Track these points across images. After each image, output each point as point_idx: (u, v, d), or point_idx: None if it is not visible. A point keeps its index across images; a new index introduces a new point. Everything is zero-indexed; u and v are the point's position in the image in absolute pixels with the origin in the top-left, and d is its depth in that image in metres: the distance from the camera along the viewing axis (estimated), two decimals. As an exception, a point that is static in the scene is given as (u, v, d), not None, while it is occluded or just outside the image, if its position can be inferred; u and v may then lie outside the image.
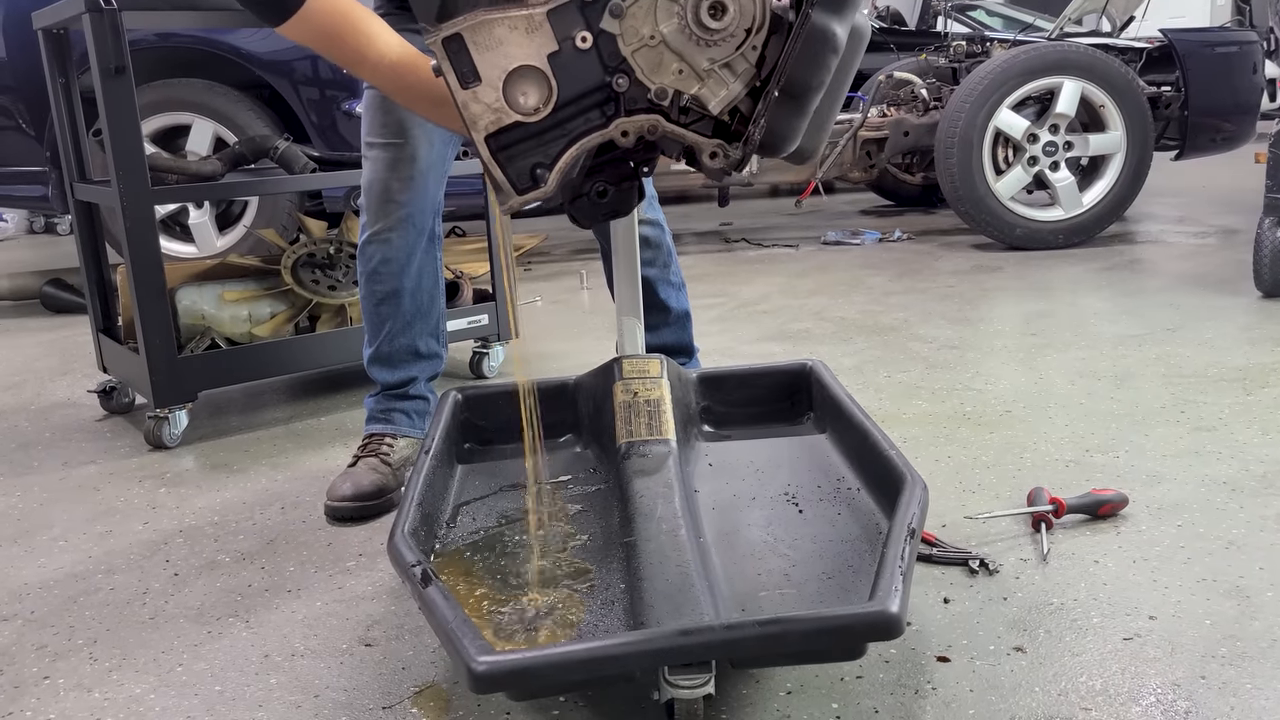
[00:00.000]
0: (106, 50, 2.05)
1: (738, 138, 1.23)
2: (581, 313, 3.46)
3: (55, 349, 3.30)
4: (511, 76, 1.20)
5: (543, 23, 1.18)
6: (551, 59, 1.19)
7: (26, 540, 1.80)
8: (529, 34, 1.19)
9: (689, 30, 1.19)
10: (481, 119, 1.21)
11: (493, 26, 1.18)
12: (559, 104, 1.21)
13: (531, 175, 1.25)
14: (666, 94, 1.21)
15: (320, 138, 3.85)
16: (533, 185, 1.25)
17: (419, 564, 1.16)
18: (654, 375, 1.57)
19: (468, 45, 1.19)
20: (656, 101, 1.22)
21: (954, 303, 3.22)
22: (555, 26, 1.19)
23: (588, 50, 1.20)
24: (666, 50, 1.20)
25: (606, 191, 1.30)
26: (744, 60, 1.21)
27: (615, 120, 1.23)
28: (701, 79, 1.21)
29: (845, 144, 4.40)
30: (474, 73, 1.20)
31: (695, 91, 1.21)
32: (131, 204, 2.12)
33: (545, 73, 1.20)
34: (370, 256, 1.90)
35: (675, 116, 1.23)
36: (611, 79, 1.21)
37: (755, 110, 1.21)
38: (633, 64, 1.21)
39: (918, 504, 1.23)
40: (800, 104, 1.23)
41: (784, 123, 1.24)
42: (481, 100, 1.20)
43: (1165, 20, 7.82)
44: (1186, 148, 4.28)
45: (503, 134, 1.23)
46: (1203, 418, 2.04)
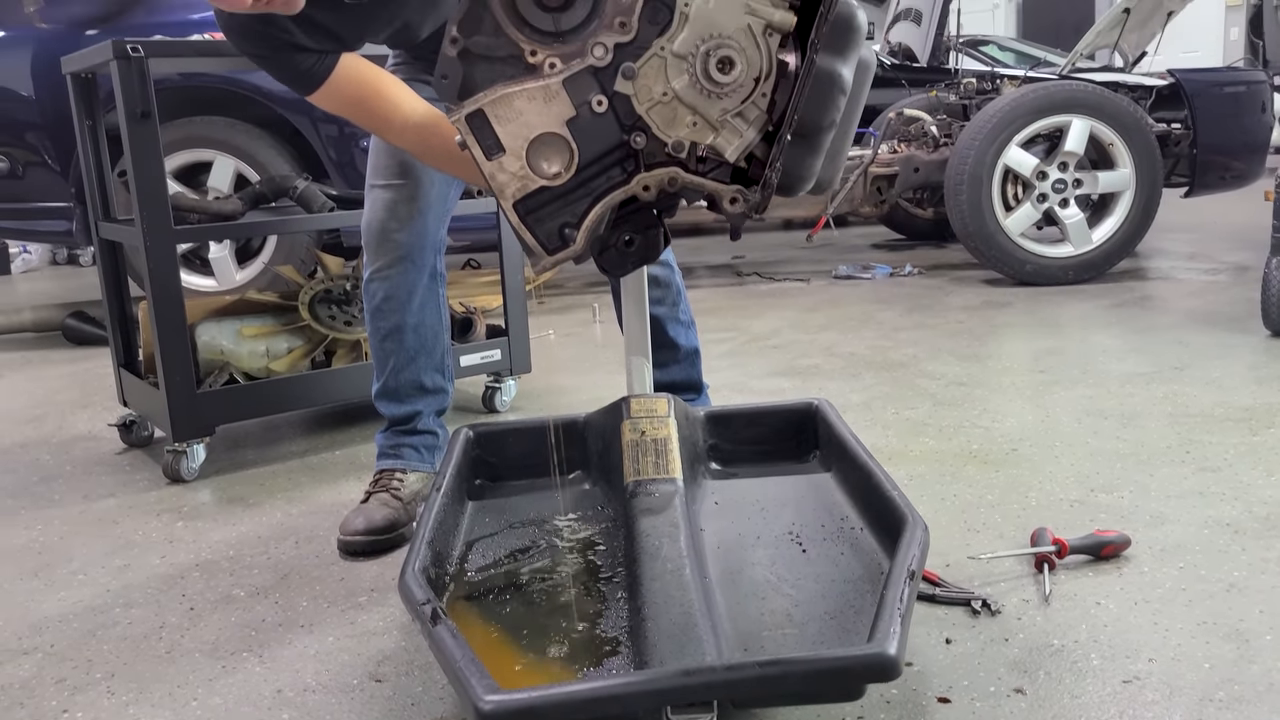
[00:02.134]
0: (133, 95, 2.11)
1: (756, 181, 1.27)
2: (594, 346, 3.50)
3: (77, 381, 3.36)
4: (533, 144, 1.25)
5: (559, 91, 1.23)
6: (570, 124, 1.24)
7: (47, 573, 1.84)
8: (547, 103, 1.23)
9: (700, 85, 1.23)
10: (508, 187, 1.26)
11: (512, 99, 1.24)
12: (581, 165, 1.26)
13: (560, 235, 1.30)
14: (683, 146, 1.26)
15: (339, 174, 3.91)
16: (562, 244, 1.30)
17: (428, 602, 1.19)
18: (661, 414, 1.60)
19: (489, 119, 1.24)
20: (674, 154, 1.26)
21: (963, 339, 3.24)
22: (571, 93, 1.24)
23: (604, 113, 1.25)
24: (680, 105, 1.25)
25: (633, 241, 1.34)
26: (755, 107, 1.25)
27: (636, 176, 1.28)
28: (716, 129, 1.25)
29: (856, 180, 4.44)
30: (497, 144, 1.25)
31: (711, 141, 1.25)
32: (154, 243, 2.18)
33: (565, 138, 1.25)
34: (373, 294, 1.95)
35: (693, 167, 1.27)
36: (629, 137, 1.26)
37: (771, 154, 1.25)
38: (648, 121, 1.25)
39: (918, 545, 1.25)
40: (813, 143, 1.28)
41: (799, 163, 1.29)
42: (507, 170, 1.26)
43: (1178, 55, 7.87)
44: (1196, 185, 4.30)
45: (529, 199, 1.28)
46: (1208, 458, 2.06)
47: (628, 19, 1.22)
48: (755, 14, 1.21)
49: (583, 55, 1.23)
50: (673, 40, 1.22)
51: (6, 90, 3.81)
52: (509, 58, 1.25)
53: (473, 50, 1.25)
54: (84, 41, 3.49)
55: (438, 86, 1.26)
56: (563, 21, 1.23)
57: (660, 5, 1.22)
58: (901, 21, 6.08)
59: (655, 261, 1.42)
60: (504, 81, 1.24)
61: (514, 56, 1.25)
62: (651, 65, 1.23)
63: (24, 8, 3.91)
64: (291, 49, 1.66)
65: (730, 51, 1.21)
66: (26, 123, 3.81)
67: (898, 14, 6.14)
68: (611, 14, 1.22)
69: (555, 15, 1.23)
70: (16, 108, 3.80)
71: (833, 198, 4.45)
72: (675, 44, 1.22)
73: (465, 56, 1.25)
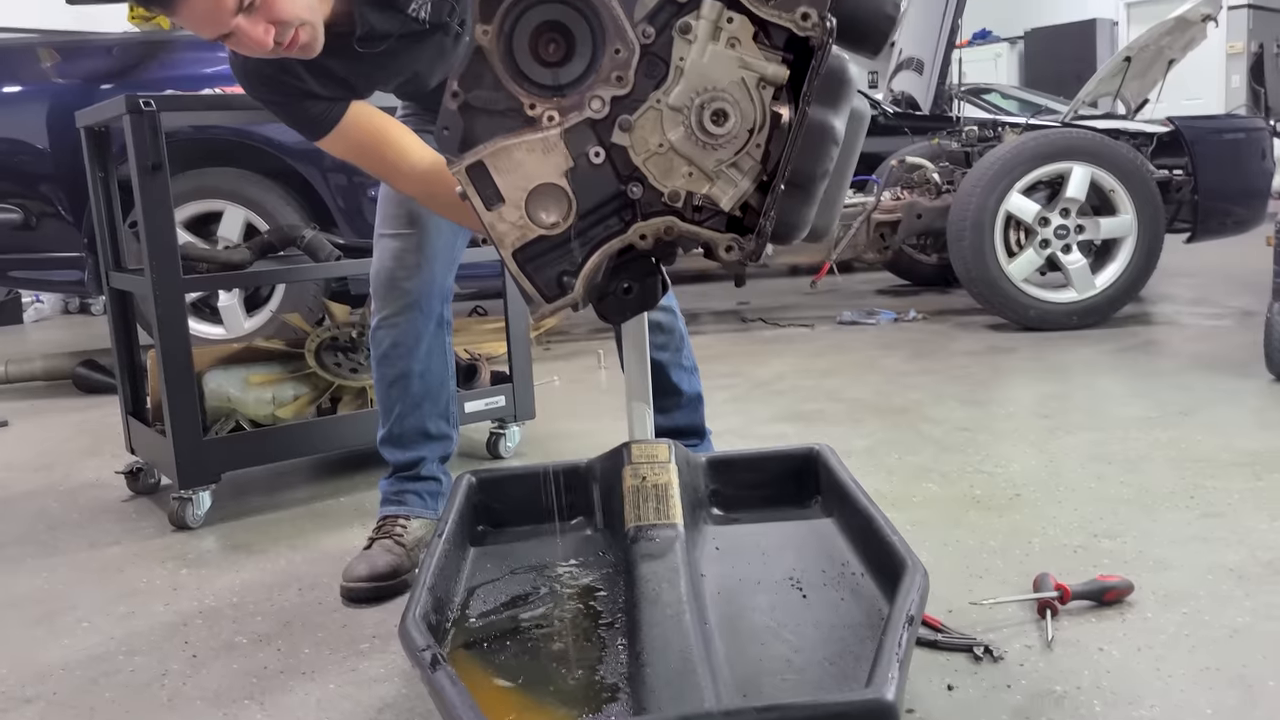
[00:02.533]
0: (145, 148, 2.15)
1: (751, 230, 1.29)
2: (598, 392, 3.51)
3: (86, 430, 3.38)
4: (532, 195, 1.28)
5: (558, 143, 1.26)
6: (569, 175, 1.27)
7: (51, 621, 1.85)
8: (546, 154, 1.27)
9: (695, 136, 1.26)
10: (508, 236, 1.29)
11: (512, 151, 1.27)
12: (579, 215, 1.29)
13: (559, 283, 1.32)
14: (679, 196, 1.28)
15: (347, 223, 3.96)
16: (560, 292, 1.33)
17: (428, 648, 1.19)
18: (662, 460, 1.61)
19: (489, 170, 1.27)
20: (670, 204, 1.29)
21: (967, 384, 3.25)
22: (570, 145, 1.27)
23: (602, 163, 1.27)
24: (676, 156, 1.27)
25: (632, 288, 1.37)
26: (749, 158, 1.27)
27: (633, 225, 1.30)
28: (711, 179, 1.28)
29: (859, 226, 4.48)
30: (497, 195, 1.28)
31: (706, 191, 1.28)
32: (163, 293, 2.21)
33: (564, 188, 1.27)
34: (380, 341, 1.97)
35: (689, 216, 1.30)
36: (626, 187, 1.28)
37: (765, 203, 1.27)
38: (645, 171, 1.28)
39: (918, 590, 1.26)
40: (807, 193, 1.30)
41: (793, 212, 1.31)
42: (506, 219, 1.29)
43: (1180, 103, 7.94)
44: (1198, 231, 4.32)
45: (528, 247, 1.30)
46: (1212, 503, 2.06)
47: (624, 73, 1.25)
48: (748, 68, 1.24)
49: (580, 108, 1.26)
50: (668, 93, 1.25)
51: (22, 144, 3.87)
52: (508, 111, 1.28)
53: (473, 104, 1.28)
54: (98, 96, 3.55)
55: (439, 138, 1.29)
56: (561, 76, 1.27)
57: (656, 59, 1.25)
58: (904, 71, 6.15)
59: (655, 308, 1.45)
60: (504, 134, 1.27)
61: (513, 110, 1.28)
62: (648, 117, 1.26)
63: (40, 63, 3.99)
64: (304, 96, 1.70)
65: (724, 104, 1.24)
66: (41, 175, 3.87)
67: (900, 63, 6.22)
68: (608, 69, 1.25)
69: (554, 70, 1.27)
70: (32, 161, 3.87)
71: (836, 244, 4.48)
72: (671, 97, 1.25)
73: (466, 110, 1.28)
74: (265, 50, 1.55)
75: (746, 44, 1.25)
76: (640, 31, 1.25)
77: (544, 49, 1.27)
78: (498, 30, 1.26)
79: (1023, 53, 12.40)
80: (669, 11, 1.25)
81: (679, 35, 1.24)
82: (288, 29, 1.54)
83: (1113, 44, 11.41)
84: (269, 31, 1.52)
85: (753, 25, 1.24)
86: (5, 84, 3.94)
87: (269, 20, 1.52)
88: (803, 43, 1.24)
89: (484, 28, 1.26)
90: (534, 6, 1.26)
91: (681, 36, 1.24)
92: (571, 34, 1.27)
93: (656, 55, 1.26)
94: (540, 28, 1.27)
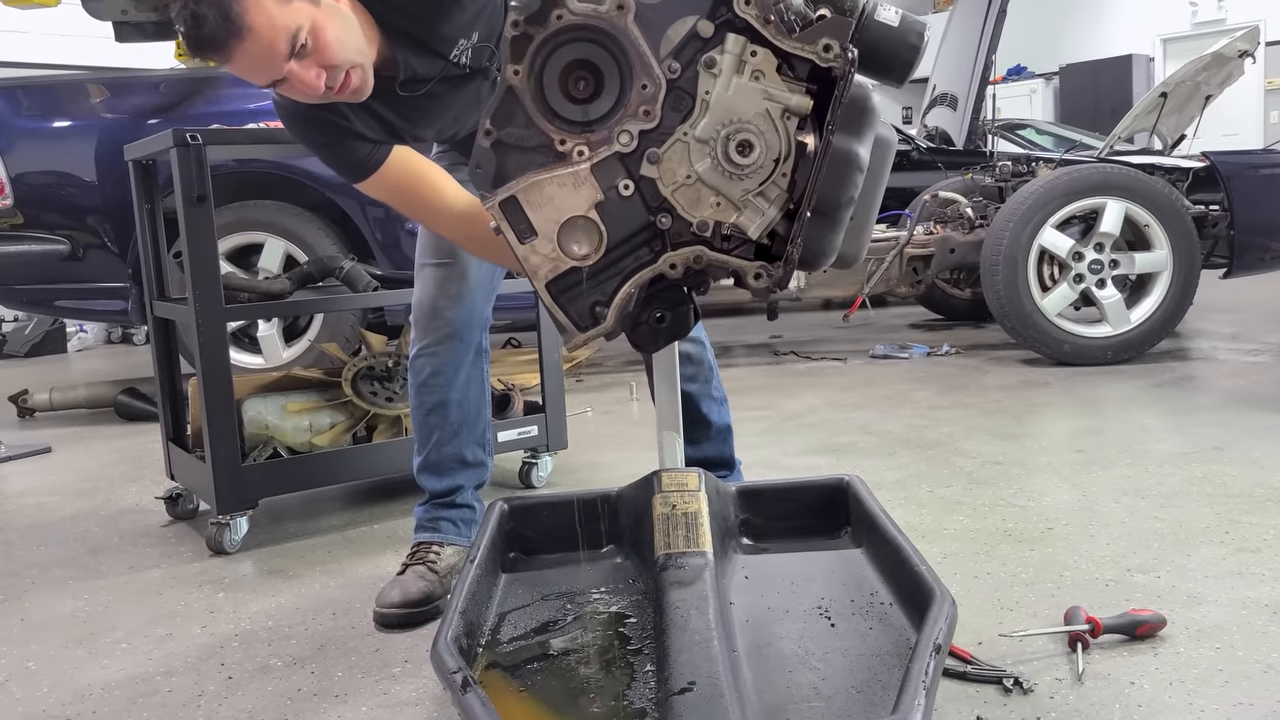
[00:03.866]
0: (190, 181, 2.21)
1: (778, 257, 1.32)
2: (630, 424, 3.53)
3: (127, 456, 3.44)
4: (564, 228, 1.31)
5: (588, 177, 1.30)
6: (599, 208, 1.31)
7: (91, 642, 1.88)
8: (576, 188, 1.30)
9: (721, 167, 1.29)
10: (541, 269, 1.32)
11: (543, 186, 1.30)
12: (610, 246, 1.32)
13: (591, 313, 1.35)
14: (708, 226, 1.31)
15: (385, 255, 4.03)
16: (593, 322, 1.35)
17: (459, 671, 1.21)
18: (692, 489, 1.62)
19: (522, 205, 1.31)
20: (699, 233, 1.31)
21: (1000, 418, 3.24)
22: (599, 178, 1.30)
23: (631, 196, 1.31)
24: (703, 187, 1.30)
25: (664, 317, 1.39)
26: (776, 187, 1.30)
27: (663, 255, 1.33)
28: (738, 208, 1.30)
29: (892, 260, 4.49)
30: (530, 229, 1.31)
31: (734, 220, 1.31)
32: (206, 322, 2.26)
33: (594, 221, 1.31)
34: (420, 369, 2.00)
35: (718, 245, 1.32)
36: (655, 218, 1.31)
37: (792, 231, 1.29)
38: (673, 202, 1.31)
39: (945, 619, 1.26)
40: (833, 220, 1.33)
41: (820, 239, 1.33)
42: (539, 252, 1.32)
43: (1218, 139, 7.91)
44: (1235, 266, 4.29)
45: (561, 279, 1.34)
46: (1247, 539, 2.04)
47: (651, 107, 1.28)
48: (772, 99, 1.27)
49: (609, 142, 1.30)
50: (695, 126, 1.28)
51: (71, 177, 3.98)
52: (539, 147, 1.32)
53: (505, 141, 1.32)
54: (145, 130, 3.64)
55: (473, 175, 1.33)
56: (590, 112, 1.30)
57: (682, 93, 1.28)
58: (938, 106, 6.18)
59: (686, 338, 1.47)
60: (535, 169, 1.31)
61: (544, 146, 1.31)
62: (675, 150, 1.29)
63: (90, 99, 4.10)
64: (350, 137, 1.74)
65: (750, 135, 1.27)
66: (88, 207, 3.97)
67: (934, 99, 6.25)
68: (636, 103, 1.29)
69: (583, 106, 1.30)
70: (80, 193, 3.97)
71: (869, 278, 4.49)
72: (697, 129, 1.28)
73: (498, 147, 1.32)
74: (317, 95, 1.58)
75: (770, 76, 1.27)
76: (666, 67, 1.28)
77: (573, 86, 1.31)
78: (528, 69, 1.30)
79: (1058, 88, 12.38)
80: (694, 47, 1.28)
81: (704, 70, 1.27)
82: (339, 73, 1.58)
83: (1149, 80, 11.37)
84: (320, 76, 1.56)
85: (776, 58, 1.27)
86: (56, 119, 4.06)
87: (320, 65, 1.55)
88: (825, 73, 1.27)
89: (515, 67, 1.30)
90: (563, 46, 1.29)
91: (706, 71, 1.27)
92: (600, 71, 1.30)
93: (682, 89, 1.29)
94: (569, 66, 1.30)
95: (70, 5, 5.16)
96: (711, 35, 1.27)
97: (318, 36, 1.53)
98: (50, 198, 3.97)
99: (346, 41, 1.57)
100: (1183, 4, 11.58)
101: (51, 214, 3.96)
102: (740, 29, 1.27)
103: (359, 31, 1.61)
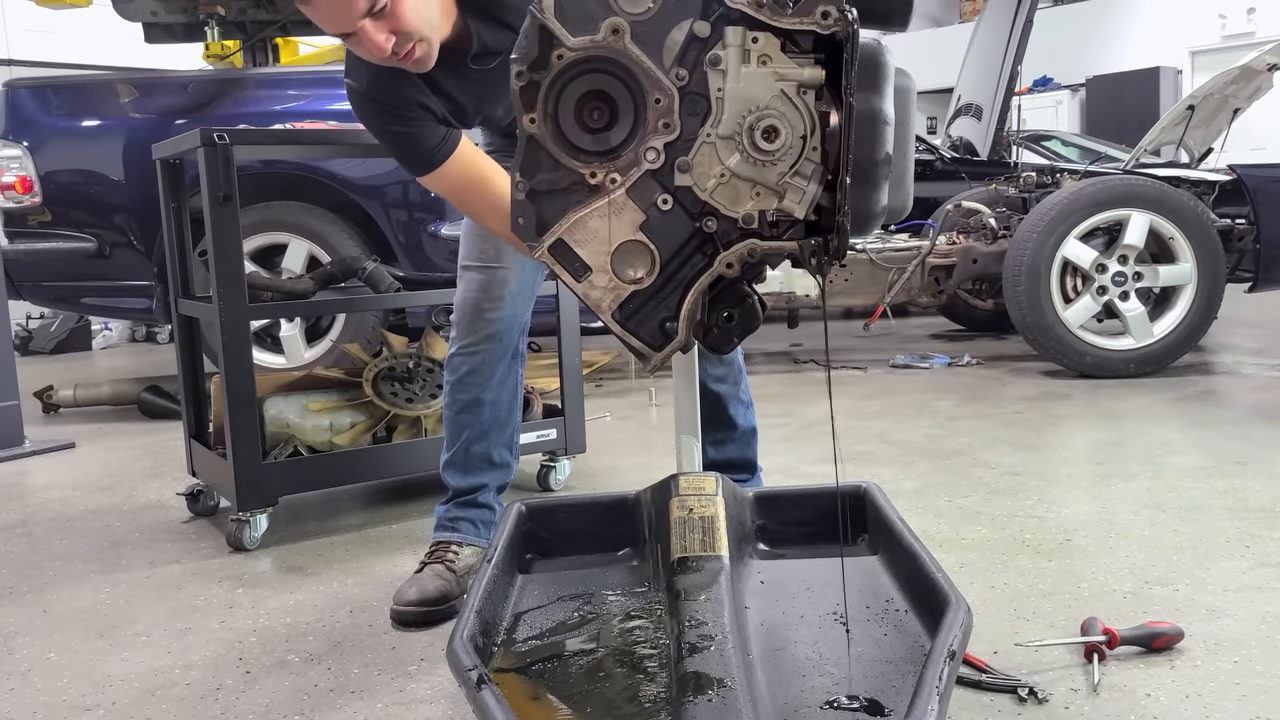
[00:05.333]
0: (217, 180, 2.24)
1: (830, 229, 1.32)
2: (649, 429, 3.54)
3: (149, 453, 3.47)
4: (615, 256, 1.33)
5: (625, 202, 1.31)
6: (644, 228, 1.32)
7: (112, 635, 1.90)
8: (617, 215, 1.31)
9: (751, 158, 1.29)
10: (603, 301, 1.34)
11: (585, 221, 1.32)
12: (664, 262, 1.34)
13: (663, 331, 1.37)
14: (753, 217, 1.32)
15: (407, 257, 4.05)
16: (666, 339, 1.37)
17: (475, 668, 1.22)
18: (709, 493, 1.63)
19: (570, 245, 1.33)
20: (746, 227, 1.32)
21: (1020, 429, 3.22)
22: (637, 200, 1.31)
23: (671, 209, 1.32)
24: (739, 181, 1.31)
25: (732, 315, 1.40)
26: (810, 162, 1.30)
27: (717, 256, 1.34)
28: (778, 193, 1.31)
29: (913, 270, 4.48)
30: (583, 265, 1.33)
31: (777, 206, 1.31)
32: (229, 321, 2.28)
33: (642, 241, 1.32)
34: (457, 368, 2.02)
35: (768, 233, 1.33)
36: (700, 223, 1.32)
37: (837, 200, 1.30)
38: (714, 204, 1.32)
39: (960, 627, 1.26)
40: (873, 180, 1.34)
41: (866, 201, 1.35)
42: (597, 286, 1.34)
43: (1247, 152, 7.84)
44: (1260, 280, 4.25)
45: (625, 306, 1.35)
46: (1268, 553, 2.02)
47: (669, 119, 1.30)
48: (785, 79, 1.28)
49: (638, 163, 1.31)
50: (716, 125, 1.29)
51: (100, 175, 4.03)
52: (572, 185, 1.33)
53: (539, 189, 1.34)
54: (173, 130, 3.68)
55: (515, 230, 1.34)
56: (612, 138, 1.32)
57: (696, 97, 1.29)
58: (963, 116, 6.16)
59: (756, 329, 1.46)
60: (574, 208, 1.33)
61: (577, 183, 1.33)
62: (703, 153, 1.30)
63: (119, 99, 4.15)
64: (422, 126, 1.75)
65: (772, 119, 1.28)
66: (115, 206, 4.02)
67: (959, 109, 6.23)
68: (654, 119, 1.30)
69: (604, 135, 1.32)
70: (107, 192, 4.02)
71: (890, 287, 4.48)
72: (720, 127, 1.29)
73: (533, 196, 1.34)
74: (382, 56, 1.62)
75: (777, 57, 1.28)
76: (674, 76, 1.29)
77: (590, 118, 1.32)
78: (543, 114, 1.32)
79: (1084, 100, 12.31)
80: (696, 49, 1.29)
81: (711, 69, 1.29)
82: (407, 40, 1.61)
83: (1176, 92, 11.29)
84: (390, 40, 1.60)
85: (778, 38, 1.28)
86: (85, 119, 4.11)
87: (392, 29, 1.59)
88: (830, 40, 1.27)
89: (530, 116, 1.32)
90: (571, 83, 1.31)
91: (714, 69, 1.28)
92: (612, 98, 1.32)
93: (695, 93, 1.30)
94: (582, 100, 1.32)
95: (101, 6, 5.23)
96: (710, 34, 1.29)
97: (397, 2, 1.56)
98: (78, 196, 4.03)
99: (423, 13, 1.61)
100: (1212, 16, 11.49)
101: (79, 212, 4.02)
102: (736, 20, 1.28)
103: (437, 6, 1.64)
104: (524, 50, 1.29)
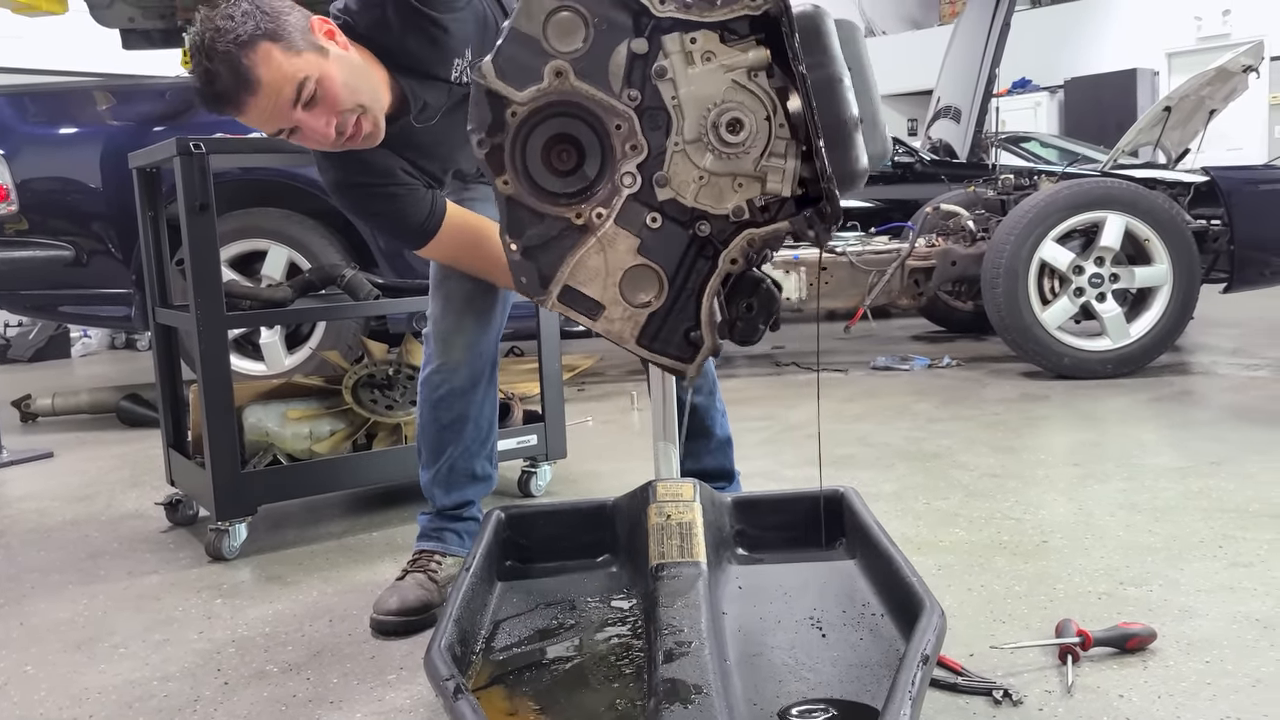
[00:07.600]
0: (194, 190, 2.23)
1: (819, 197, 1.33)
2: (630, 434, 3.54)
3: (128, 462, 3.46)
4: (623, 285, 1.35)
5: (616, 232, 1.33)
6: (641, 250, 1.34)
7: (89, 647, 1.89)
8: (612, 246, 1.34)
9: (723, 153, 1.31)
10: (624, 332, 1.36)
11: (584, 262, 1.34)
12: (671, 277, 1.35)
13: (689, 341, 1.38)
14: (743, 209, 1.34)
15: (387, 264, 4.05)
16: (694, 348, 1.38)
17: (451, 678, 1.22)
18: (686, 499, 1.63)
19: (576, 288, 1.35)
20: (738, 219, 1.34)
21: (999, 431, 3.24)
22: (626, 226, 1.33)
23: (661, 225, 1.33)
24: (718, 178, 1.33)
25: (751, 304, 1.41)
26: (781, 140, 1.32)
27: (720, 256, 1.35)
28: (760, 178, 1.33)
29: (893, 272, 4.50)
30: (594, 304, 1.36)
31: (763, 190, 1.33)
32: (207, 328, 2.27)
33: (644, 264, 1.34)
34: (436, 385, 1.99)
35: (761, 220, 1.34)
36: (694, 230, 1.34)
37: (818, 168, 1.31)
38: (701, 207, 1.34)
39: (934, 631, 1.27)
40: (847, 139, 1.36)
41: (846, 161, 1.37)
42: (614, 319, 1.36)
43: (1223, 154, 7.91)
44: (1235, 281, 4.30)
45: (646, 330, 1.37)
46: (1240, 553, 2.04)
47: (635, 140, 1.31)
48: (732, 68, 1.30)
49: (617, 191, 1.33)
50: (680, 132, 1.31)
51: (77, 183, 4.01)
52: (562, 232, 1.35)
53: (530, 244, 1.35)
54: (150, 138, 3.67)
55: (520, 289, 1.36)
56: (586, 173, 1.33)
57: (654, 111, 1.32)
58: (941, 119, 6.20)
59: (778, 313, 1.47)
60: (569, 253, 1.34)
61: (565, 229, 1.34)
62: (676, 162, 1.31)
63: (96, 106, 4.14)
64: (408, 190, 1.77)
65: (732, 111, 1.30)
66: (93, 214, 4.00)
67: (938, 111, 6.26)
68: (620, 145, 1.32)
69: (577, 174, 1.33)
70: (85, 200, 4.00)
71: (870, 289, 4.50)
72: (685, 134, 1.31)
73: (528, 253, 1.35)
74: (330, 141, 1.63)
75: (719, 50, 1.30)
76: (627, 97, 1.31)
77: (560, 161, 1.34)
78: (514, 173, 1.33)
79: (1063, 101, 12.38)
80: (640, 66, 1.31)
81: (660, 80, 1.30)
82: (349, 118, 1.62)
83: (1153, 94, 11.38)
84: (330, 123, 1.61)
85: (714, 32, 1.30)
86: (62, 126, 4.09)
87: (330, 113, 1.60)
88: (765, 17, 1.29)
89: (502, 179, 1.33)
90: (530, 135, 1.32)
91: (662, 80, 1.30)
92: (574, 137, 1.33)
93: (652, 108, 1.32)
94: (546, 147, 1.33)
95: (77, 11, 5.20)
96: (648, 48, 1.30)
97: (325, 85, 1.58)
98: (55, 204, 4.00)
99: (356, 87, 1.62)
100: (1188, 19, 11.58)
101: (56, 220, 3.99)
102: (669, 28, 1.30)
103: (370, 77, 1.66)
104: (478, 119, 1.31)
